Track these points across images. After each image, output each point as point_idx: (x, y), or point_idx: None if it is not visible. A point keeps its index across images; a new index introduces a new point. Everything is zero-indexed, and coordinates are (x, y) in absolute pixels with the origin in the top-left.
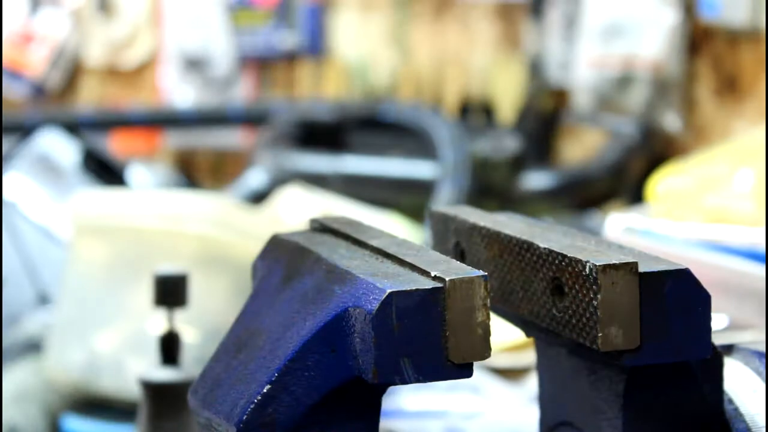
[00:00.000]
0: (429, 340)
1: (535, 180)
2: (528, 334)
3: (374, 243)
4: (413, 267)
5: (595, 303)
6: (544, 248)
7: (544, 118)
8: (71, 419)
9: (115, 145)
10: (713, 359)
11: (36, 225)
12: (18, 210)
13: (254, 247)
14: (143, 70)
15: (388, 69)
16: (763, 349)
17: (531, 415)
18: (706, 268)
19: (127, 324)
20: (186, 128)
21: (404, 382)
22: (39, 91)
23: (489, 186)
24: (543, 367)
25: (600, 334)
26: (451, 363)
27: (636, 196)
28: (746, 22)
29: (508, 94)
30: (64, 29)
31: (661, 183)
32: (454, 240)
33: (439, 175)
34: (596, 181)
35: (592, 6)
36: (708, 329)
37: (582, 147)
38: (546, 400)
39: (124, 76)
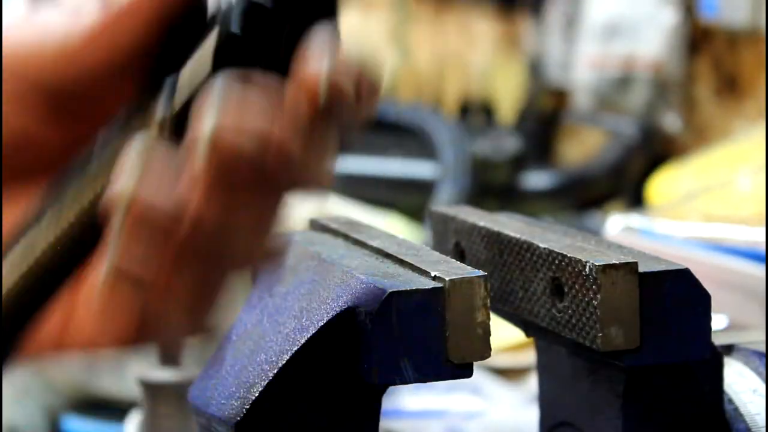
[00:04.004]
0: (429, 340)
1: (535, 180)
2: (528, 334)
3: (374, 243)
4: (413, 267)
5: (595, 303)
6: (544, 248)
7: (544, 118)
8: (71, 419)
9: None
10: (713, 359)
11: None
12: None
13: None
14: None
15: (388, 69)
16: (763, 349)
17: (531, 415)
18: (706, 268)
19: None
20: None
21: (404, 382)
22: None
23: (489, 186)
24: (543, 367)
25: (600, 334)
26: (451, 363)
27: (636, 196)
28: (746, 22)
29: (508, 94)
30: None
31: (661, 183)
32: (454, 240)
33: (439, 175)
34: (596, 181)
35: (592, 6)
36: (708, 329)
37: (582, 147)
38: (546, 400)
39: None
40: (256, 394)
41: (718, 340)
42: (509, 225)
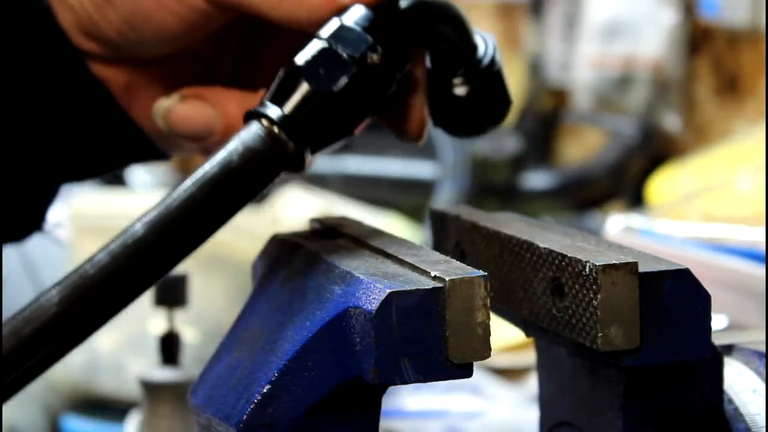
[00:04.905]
0: (429, 340)
1: (535, 180)
2: (528, 334)
3: (374, 243)
4: (413, 267)
5: (595, 303)
6: (544, 248)
7: (544, 118)
8: (71, 419)
9: None
10: (713, 359)
11: None
12: None
13: (254, 247)
14: None
15: None
16: (763, 349)
17: (531, 415)
18: (706, 268)
19: (127, 324)
20: None
21: (404, 382)
22: None
23: (489, 186)
24: (543, 367)
25: (600, 334)
26: (451, 363)
27: (636, 196)
28: (746, 22)
29: None
30: None
31: (661, 183)
32: (454, 240)
33: (439, 175)
34: (596, 181)
35: (592, 6)
36: (708, 329)
37: (582, 147)
38: (546, 400)
39: None
40: (257, 395)
41: (718, 340)
42: (509, 225)
